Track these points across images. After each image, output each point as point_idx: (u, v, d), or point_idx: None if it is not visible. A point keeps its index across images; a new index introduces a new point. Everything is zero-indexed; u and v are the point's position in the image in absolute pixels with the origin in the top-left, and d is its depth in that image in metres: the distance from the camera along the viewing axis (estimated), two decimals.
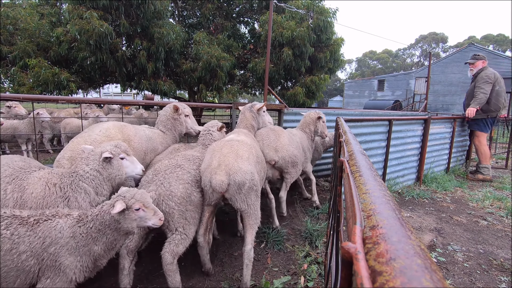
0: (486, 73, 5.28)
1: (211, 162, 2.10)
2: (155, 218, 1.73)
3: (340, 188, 1.28)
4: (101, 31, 7.05)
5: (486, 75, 5.23)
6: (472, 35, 52.21)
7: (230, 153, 2.14)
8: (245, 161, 2.14)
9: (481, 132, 5.51)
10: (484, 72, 5.30)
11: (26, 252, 1.48)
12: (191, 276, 2.36)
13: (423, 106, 8.43)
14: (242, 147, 2.27)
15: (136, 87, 9.73)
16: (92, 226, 1.63)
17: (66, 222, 1.60)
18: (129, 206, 1.65)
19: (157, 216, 1.74)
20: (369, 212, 0.55)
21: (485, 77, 5.22)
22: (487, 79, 5.20)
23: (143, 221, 1.70)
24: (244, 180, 2.05)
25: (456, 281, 2.44)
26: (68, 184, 1.93)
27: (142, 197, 1.70)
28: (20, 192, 1.83)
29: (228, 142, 2.30)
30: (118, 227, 1.66)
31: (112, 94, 33.36)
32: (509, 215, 3.81)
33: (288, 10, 9.56)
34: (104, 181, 2.04)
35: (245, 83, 12.09)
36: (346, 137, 1.60)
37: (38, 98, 3.34)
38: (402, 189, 4.75)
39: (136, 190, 1.73)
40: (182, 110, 3.05)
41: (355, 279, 0.38)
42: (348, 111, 5.13)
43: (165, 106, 3.09)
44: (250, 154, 2.27)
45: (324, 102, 45.06)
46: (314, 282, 2.29)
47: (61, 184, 1.92)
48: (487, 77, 5.21)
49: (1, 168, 1.88)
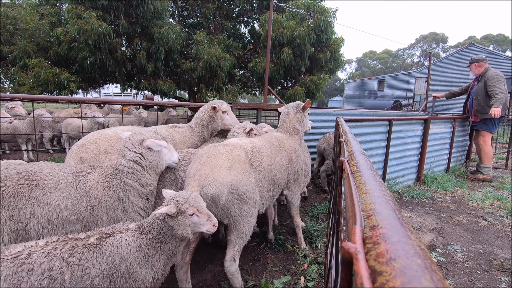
0: (495, 71, 5.13)
1: (189, 171, 1.95)
2: (209, 224, 1.63)
3: (340, 188, 1.28)
4: (99, 31, 7.04)
5: (497, 74, 5.08)
6: (472, 35, 52.25)
7: (208, 162, 1.91)
8: (225, 170, 1.88)
9: (488, 132, 5.40)
10: (493, 71, 5.15)
11: (98, 276, 1.37)
12: (191, 276, 2.36)
13: (423, 106, 8.43)
14: (226, 155, 1.97)
15: (136, 87, 9.73)
16: (152, 236, 1.57)
17: (128, 236, 1.52)
18: (182, 211, 1.57)
19: (211, 222, 1.64)
20: (369, 212, 0.55)
21: (496, 76, 5.07)
22: (500, 78, 5.05)
23: (197, 226, 1.62)
24: (218, 193, 1.82)
25: (456, 281, 2.44)
26: (117, 185, 1.86)
27: (196, 202, 1.61)
28: (88, 197, 1.79)
29: (215, 148, 2.06)
30: (173, 233, 1.59)
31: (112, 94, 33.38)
32: (509, 215, 3.80)
33: (289, 10, 9.56)
34: (146, 170, 1.94)
35: (245, 83, 12.09)
36: (346, 137, 1.60)
37: (38, 98, 3.33)
38: (402, 189, 4.75)
39: (189, 194, 1.63)
40: (219, 107, 3.11)
41: (355, 279, 0.38)
42: (348, 111, 5.13)
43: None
44: (237, 162, 1.97)
45: (324, 102, 45.07)
46: (314, 282, 2.29)
47: (112, 186, 1.86)
48: (498, 76, 5.06)
49: (63, 174, 1.81)
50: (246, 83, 12.06)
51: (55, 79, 7.51)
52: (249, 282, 2.29)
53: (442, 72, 23.45)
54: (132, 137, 1.97)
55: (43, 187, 1.70)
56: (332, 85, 53.85)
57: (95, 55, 7.61)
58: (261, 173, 2.12)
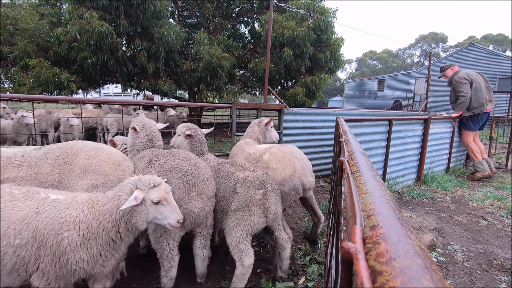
0: (458, 75, 5.53)
1: (282, 161, 2.48)
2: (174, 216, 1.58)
3: (340, 188, 1.28)
4: (101, 31, 7.04)
5: (459, 78, 5.48)
6: (472, 35, 52.20)
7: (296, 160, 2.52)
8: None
9: (468, 131, 5.68)
10: (457, 76, 5.55)
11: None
12: (191, 276, 2.36)
13: (423, 106, 8.43)
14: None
15: (136, 87, 9.74)
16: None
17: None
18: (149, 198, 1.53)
19: (178, 216, 1.58)
20: (369, 212, 0.55)
21: (458, 80, 5.48)
22: (462, 80, 5.44)
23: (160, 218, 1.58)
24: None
25: (456, 281, 2.44)
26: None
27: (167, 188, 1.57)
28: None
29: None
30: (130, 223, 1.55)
31: (112, 94, 33.37)
32: (509, 215, 3.80)
33: (289, 10, 9.56)
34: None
35: (245, 83, 12.09)
36: (346, 137, 1.60)
37: (38, 98, 3.33)
38: (402, 189, 4.75)
39: (157, 178, 1.59)
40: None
41: (355, 279, 0.38)
42: (348, 111, 5.13)
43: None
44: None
45: (324, 102, 45.04)
46: (314, 282, 2.29)
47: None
48: (460, 79, 5.46)
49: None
50: (246, 83, 12.06)
51: (55, 79, 7.51)
52: (249, 281, 2.29)
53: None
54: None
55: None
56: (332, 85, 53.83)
57: (96, 55, 7.61)
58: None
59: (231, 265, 2.53)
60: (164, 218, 1.58)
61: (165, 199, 1.57)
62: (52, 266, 1.41)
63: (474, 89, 5.42)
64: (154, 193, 1.54)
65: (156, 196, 1.54)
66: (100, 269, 1.53)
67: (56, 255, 1.41)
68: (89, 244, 1.47)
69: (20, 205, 1.45)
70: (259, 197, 2.00)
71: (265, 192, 2.03)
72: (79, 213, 1.48)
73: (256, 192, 2.00)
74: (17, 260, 1.38)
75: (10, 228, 1.38)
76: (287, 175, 2.38)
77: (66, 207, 1.48)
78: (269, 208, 2.04)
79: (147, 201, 1.54)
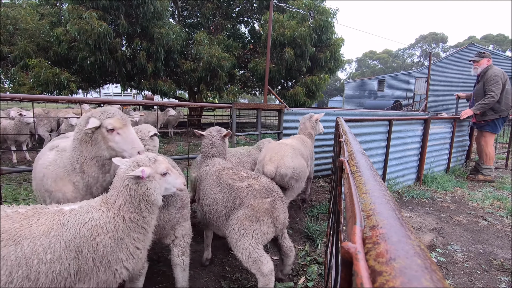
0: (494, 72, 4.91)
1: (263, 158, 2.78)
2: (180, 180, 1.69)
3: (340, 188, 1.28)
4: (100, 31, 7.05)
5: (496, 75, 4.87)
6: (472, 35, 52.23)
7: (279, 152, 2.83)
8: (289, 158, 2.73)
9: (491, 133, 5.26)
10: (493, 71, 4.93)
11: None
12: (191, 275, 2.36)
13: (423, 106, 8.43)
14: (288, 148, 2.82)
15: (136, 87, 9.74)
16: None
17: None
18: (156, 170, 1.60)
19: (182, 179, 1.71)
20: (369, 212, 0.55)
21: (494, 77, 4.86)
22: (497, 79, 4.85)
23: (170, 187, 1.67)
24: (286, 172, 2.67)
25: (456, 281, 2.44)
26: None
27: (165, 160, 1.66)
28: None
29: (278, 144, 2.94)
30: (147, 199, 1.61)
31: (112, 94, 33.37)
32: (509, 215, 3.80)
33: (290, 10, 9.57)
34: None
35: (245, 83, 12.10)
36: (346, 137, 1.60)
37: (38, 98, 3.33)
38: (402, 189, 4.75)
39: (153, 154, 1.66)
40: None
41: (355, 279, 0.38)
42: (348, 111, 5.13)
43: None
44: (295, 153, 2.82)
45: (324, 102, 45.05)
46: (314, 282, 2.29)
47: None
48: (496, 77, 4.86)
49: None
50: (246, 83, 12.07)
51: (55, 79, 7.52)
52: (249, 281, 2.29)
53: (442, 72, 23.44)
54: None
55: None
56: (332, 85, 53.85)
57: (95, 55, 7.61)
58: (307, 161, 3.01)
59: (231, 265, 2.53)
60: (173, 185, 1.68)
61: (169, 168, 1.65)
62: (94, 273, 1.38)
63: (506, 90, 4.93)
64: (160, 166, 1.61)
65: (163, 168, 1.61)
66: (140, 264, 1.58)
67: (96, 260, 1.38)
68: (123, 244, 1.46)
69: (36, 221, 1.37)
70: (267, 206, 1.89)
71: (273, 200, 1.93)
72: (100, 215, 1.46)
73: (263, 201, 1.90)
74: (53, 276, 1.29)
75: (36, 244, 1.30)
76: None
77: (85, 212, 1.46)
78: (278, 218, 1.93)
79: (156, 176, 1.59)
